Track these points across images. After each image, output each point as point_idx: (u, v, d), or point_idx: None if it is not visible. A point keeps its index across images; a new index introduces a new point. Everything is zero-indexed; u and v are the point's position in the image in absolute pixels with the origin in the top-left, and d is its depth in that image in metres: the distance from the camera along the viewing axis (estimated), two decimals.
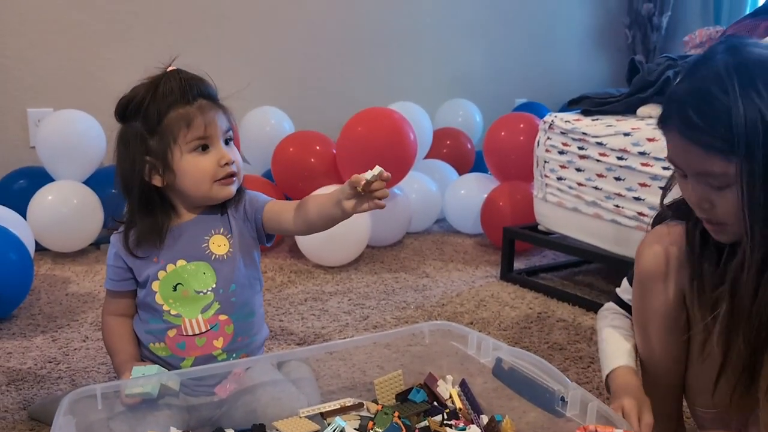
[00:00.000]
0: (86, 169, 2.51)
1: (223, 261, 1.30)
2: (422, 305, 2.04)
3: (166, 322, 1.28)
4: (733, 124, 0.85)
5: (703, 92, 0.88)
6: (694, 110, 0.88)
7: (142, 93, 1.23)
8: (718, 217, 0.94)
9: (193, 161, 1.24)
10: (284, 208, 1.34)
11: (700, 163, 0.91)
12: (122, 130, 1.27)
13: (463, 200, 2.79)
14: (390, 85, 3.45)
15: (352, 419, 1.21)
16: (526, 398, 1.17)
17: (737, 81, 0.86)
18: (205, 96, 1.26)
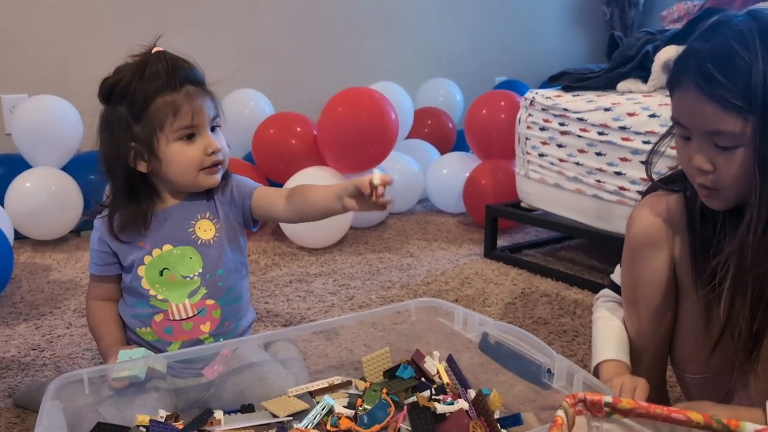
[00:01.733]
0: (64, 155, 2.47)
1: (209, 246, 1.29)
2: (407, 284, 2.05)
3: (152, 306, 1.27)
4: (753, 81, 0.85)
5: (725, 48, 0.88)
6: (713, 65, 0.88)
7: (128, 76, 1.20)
8: (717, 181, 0.93)
9: (179, 150, 1.23)
10: (275, 195, 1.34)
11: (713, 120, 0.90)
12: (106, 112, 1.24)
13: (445, 179, 2.80)
14: (370, 65, 3.43)
15: (341, 397, 1.21)
16: (512, 371, 1.19)
17: (759, 40, 0.86)
18: (192, 81, 1.24)
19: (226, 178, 1.33)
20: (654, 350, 1.12)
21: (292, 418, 1.13)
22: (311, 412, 1.13)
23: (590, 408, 0.66)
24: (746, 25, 0.89)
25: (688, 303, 1.06)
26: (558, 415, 0.62)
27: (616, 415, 0.65)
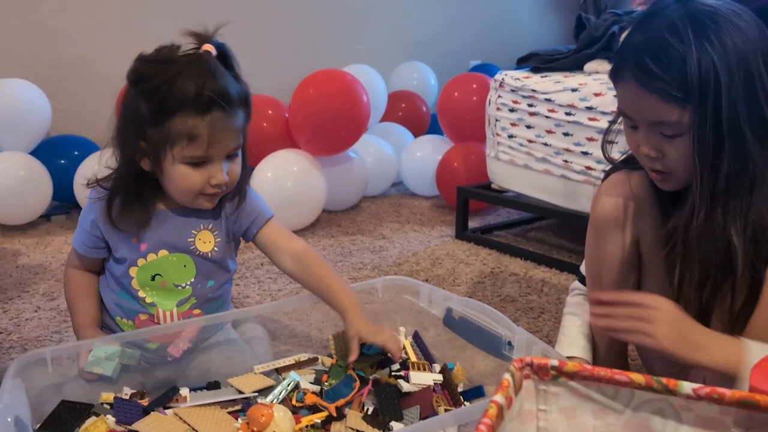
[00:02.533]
0: (32, 139, 2.44)
1: (206, 258, 1.25)
2: (379, 265, 2.06)
3: (140, 305, 1.24)
4: (688, 71, 0.88)
5: (659, 40, 0.90)
6: (650, 58, 0.90)
7: (161, 77, 1.10)
8: (667, 166, 0.96)
9: (183, 172, 1.15)
10: (281, 247, 1.28)
11: (654, 112, 0.92)
12: (129, 96, 1.15)
13: (418, 162, 2.81)
14: (343, 48, 3.42)
15: (307, 373, 1.23)
16: (475, 345, 1.21)
17: (691, 29, 0.88)
18: (223, 105, 1.11)
19: (240, 197, 1.26)
20: None
21: (257, 394, 1.14)
22: (277, 388, 1.14)
23: (537, 372, 0.67)
24: (678, 14, 0.90)
25: (650, 280, 1.08)
26: (505, 377, 0.64)
27: (563, 378, 0.67)
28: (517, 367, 0.66)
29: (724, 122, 0.88)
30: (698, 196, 0.93)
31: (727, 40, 0.88)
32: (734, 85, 0.88)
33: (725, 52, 0.87)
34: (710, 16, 0.90)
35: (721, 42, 0.88)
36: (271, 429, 1.00)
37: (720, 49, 0.87)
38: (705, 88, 0.87)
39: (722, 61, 0.87)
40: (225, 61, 1.17)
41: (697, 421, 0.64)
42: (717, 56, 0.87)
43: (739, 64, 0.88)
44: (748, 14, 0.92)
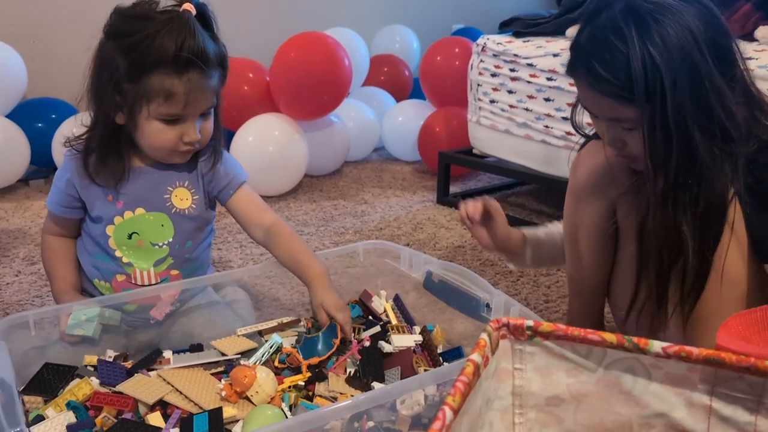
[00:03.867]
0: (8, 102, 2.40)
1: (183, 216, 1.25)
2: (360, 230, 2.08)
3: (117, 266, 1.24)
4: (632, 72, 0.88)
5: (604, 42, 0.91)
6: (597, 62, 0.91)
7: (140, 34, 1.10)
8: (630, 154, 0.99)
9: (157, 128, 1.16)
10: (253, 219, 1.29)
11: (609, 110, 0.95)
12: (105, 49, 1.14)
13: (400, 127, 2.81)
14: (325, 10, 3.37)
15: (290, 335, 1.24)
16: (454, 307, 1.23)
17: (634, 29, 0.89)
18: (200, 65, 1.12)
19: (216, 155, 1.27)
20: (592, 288, 1.17)
21: (240, 356, 1.15)
22: (259, 349, 1.16)
23: (513, 332, 0.69)
24: (621, 12, 0.91)
25: (626, 249, 1.10)
26: (482, 337, 0.66)
27: (538, 338, 0.69)
28: (493, 327, 0.68)
29: (671, 120, 0.89)
30: (653, 198, 0.95)
31: (670, 36, 0.88)
32: (679, 82, 0.88)
33: (668, 50, 0.88)
34: (652, 12, 0.89)
35: (663, 39, 0.88)
36: (254, 390, 1.02)
37: (662, 47, 0.88)
38: (650, 87, 0.88)
39: (665, 60, 0.87)
40: (204, 21, 1.16)
41: (666, 379, 0.66)
42: (660, 55, 0.88)
43: (684, 61, 0.88)
44: (695, 3, 0.91)
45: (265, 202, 1.33)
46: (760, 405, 0.63)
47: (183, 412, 0.99)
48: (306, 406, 1.02)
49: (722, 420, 0.64)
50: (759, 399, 0.63)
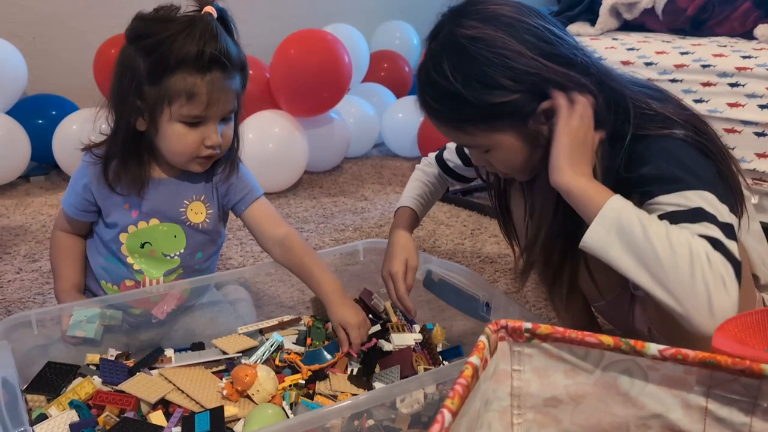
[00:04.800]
0: (8, 98, 2.40)
1: (197, 230, 1.26)
2: (360, 227, 2.08)
3: (127, 271, 1.25)
4: (454, 104, 0.93)
5: (430, 77, 0.95)
6: (429, 95, 0.96)
7: (162, 35, 1.09)
8: (500, 171, 1.03)
9: (179, 131, 1.15)
10: (267, 232, 1.28)
11: (455, 138, 1.00)
12: (127, 54, 1.14)
13: (401, 124, 2.81)
14: (324, 6, 3.37)
15: (290, 334, 1.25)
16: (454, 306, 1.24)
17: (447, 62, 0.92)
18: (223, 65, 1.12)
19: (232, 166, 1.26)
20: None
21: (241, 354, 1.16)
22: (260, 348, 1.16)
23: (512, 334, 0.70)
24: (436, 45, 0.95)
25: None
26: (480, 339, 0.67)
27: (536, 340, 0.70)
28: (492, 329, 0.69)
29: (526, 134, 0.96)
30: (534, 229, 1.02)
31: (484, 65, 0.90)
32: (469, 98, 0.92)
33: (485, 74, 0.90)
34: (468, 43, 0.91)
35: (478, 68, 0.91)
36: (255, 389, 1.02)
37: (480, 75, 0.91)
38: (484, 110, 0.92)
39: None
40: (225, 26, 1.17)
41: (663, 380, 0.67)
42: (464, 87, 0.91)
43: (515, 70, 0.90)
44: (517, 22, 0.92)
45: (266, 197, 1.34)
46: (755, 406, 0.64)
47: (185, 410, 1.00)
48: (306, 404, 1.03)
49: (718, 421, 0.65)
50: (754, 400, 0.64)
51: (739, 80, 1.58)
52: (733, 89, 1.58)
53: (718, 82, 1.62)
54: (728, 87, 1.59)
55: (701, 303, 0.79)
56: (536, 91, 0.91)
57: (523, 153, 0.97)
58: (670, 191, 0.87)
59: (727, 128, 1.59)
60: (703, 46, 1.73)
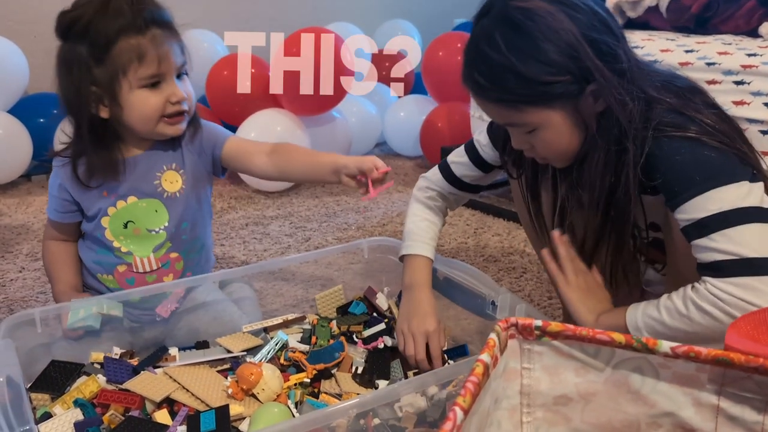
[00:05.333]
0: (10, 97, 2.40)
1: (175, 199, 1.26)
2: (363, 226, 2.08)
3: (116, 257, 1.25)
4: (508, 79, 0.90)
5: (480, 53, 0.93)
6: (478, 72, 0.93)
7: (90, 12, 1.12)
8: (539, 155, 1.01)
9: (142, 97, 1.16)
10: (254, 150, 1.29)
11: (502, 117, 0.97)
12: (64, 50, 1.17)
13: (402, 123, 2.80)
14: (326, 5, 3.37)
15: (295, 332, 1.25)
16: (459, 305, 1.23)
17: (500, 36, 0.90)
18: (159, 23, 1.15)
19: (195, 124, 1.28)
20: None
21: (246, 353, 1.16)
22: (265, 347, 1.16)
23: (522, 332, 0.69)
24: (489, 21, 0.93)
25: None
26: (491, 337, 0.66)
27: (546, 338, 0.69)
28: (502, 327, 0.68)
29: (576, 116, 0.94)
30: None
31: (539, 40, 0.88)
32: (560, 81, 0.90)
33: (540, 51, 0.88)
34: (523, 18, 0.89)
35: (535, 42, 0.88)
36: (260, 387, 1.02)
37: (535, 51, 0.89)
38: (534, 90, 0.90)
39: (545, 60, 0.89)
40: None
41: (674, 378, 0.66)
42: (519, 60, 0.89)
43: (564, 57, 0.89)
44: (564, 7, 0.91)
45: (268, 198, 1.34)
46: None
47: (190, 409, 1.00)
48: (312, 403, 1.03)
49: (730, 419, 0.65)
50: (767, 398, 0.63)
51: (744, 78, 1.57)
52: (739, 87, 1.58)
53: (723, 80, 1.61)
54: (733, 85, 1.59)
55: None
56: (583, 72, 0.90)
57: (568, 135, 0.95)
58: (690, 197, 0.88)
59: None
60: (707, 44, 1.72)
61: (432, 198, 1.26)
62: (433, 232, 1.23)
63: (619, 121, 0.91)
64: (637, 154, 0.91)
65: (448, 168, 1.27)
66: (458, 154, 1.26)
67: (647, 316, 0.92)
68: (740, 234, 0.84)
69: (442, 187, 1.26)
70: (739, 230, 0.85)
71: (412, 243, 1.21)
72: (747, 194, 0.86)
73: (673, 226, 0.94)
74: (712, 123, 0.91)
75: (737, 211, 0.85)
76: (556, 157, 1.00)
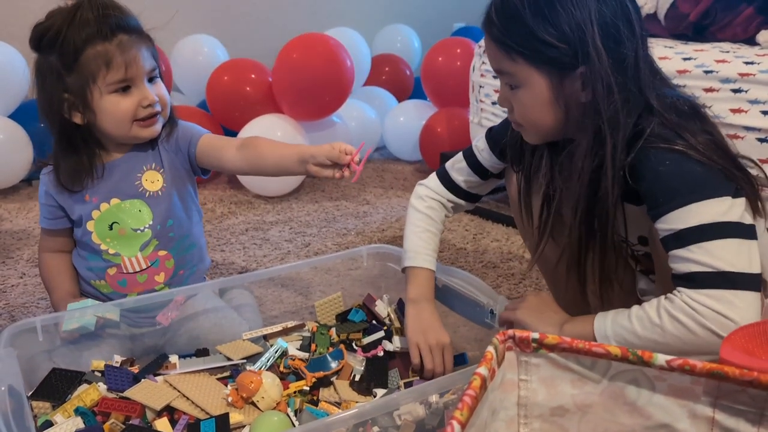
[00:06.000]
0: (10, 102, 2.40)
1: (157, 197, 1.29)
2: (363, 231, 2.08)
3: (105, 260, 1.27)
4: (518, 28, 0.92)
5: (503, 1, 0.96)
6: (495, 9, 0.96)
7: (58, 24, 1.15)
8: (515, 118, 1.02)
9: (113, 102, 1.20)
10: (225, 145, 1.31)
11: (495, 60, 0.98)
12: (38, 61, 1.20)
13: (402, 127, 2.81)
14: (326, 10, 3.38)
15: (294, 339, 1.25)
16: (458, 313, 1.24)
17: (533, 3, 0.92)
18: (125, 29, 1.19)
19: (172, 124, 1.31)
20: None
21: (246, 360, 1.16)
22: (265, 354, 1.17)
23: (519, 344, 0.70)
24: None
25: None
26: (488, 350, 0.67)
27: (543, 350, 0.70)
28: (500, 339, 0.69)
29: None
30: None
31: (561, 6, 0.90)
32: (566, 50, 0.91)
33: (561, 19, 0.90)
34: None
35: (552, 3, 0.91)
36: (260, 395, 1.03)
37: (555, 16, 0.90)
38: (535, 48, 0.92)
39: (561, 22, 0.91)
40: (109, 1, 1.21)
41: (670, 391, 0.67)
42: (536, 23, 0.91)
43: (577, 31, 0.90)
44: None
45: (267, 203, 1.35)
46: (763, 417, 0.64)
47: (190, 417, 1.00)
48: (311, 411, 1.04)
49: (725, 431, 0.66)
50: (761, 411, 0.64)
51: (741, 86, 1.58)
52: (736, 95, 1.58)
53: (720, 88, 1.62)
54: (731, 93, 1.59)
55: (715, 341, 0.84)
56: (582, 50, 0.91)
57: (545, 106, 0.96)
58: (672, 209, 0.89)
59: (730, 134, 1.59)
60: (705, 52, 1.73)
61: (431, 207, 1.26)
62: (434, 243, 1.23)
63: (601, 114, 0.92)
64: (620, 154, 0.92)
65: (446, 175, 1.27)
66: (457, 161, 1.27)
67: (618, 325, 0.92)
68: (717, 248, 0.86)
69: (440, 195, 1.27)
70: (716, 244, 0.86)
71: (415, 255, 1.21)
72: (728, 209, 0.87)
73: (657, 238, 0.94)
74: (700, 143, 0.91)
75: (716, 225, 0.87)
76: (529, 126, 1.01)
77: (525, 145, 1.10)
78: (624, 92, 0.92)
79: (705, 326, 0.84)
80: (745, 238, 0.87)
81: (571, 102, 0.94)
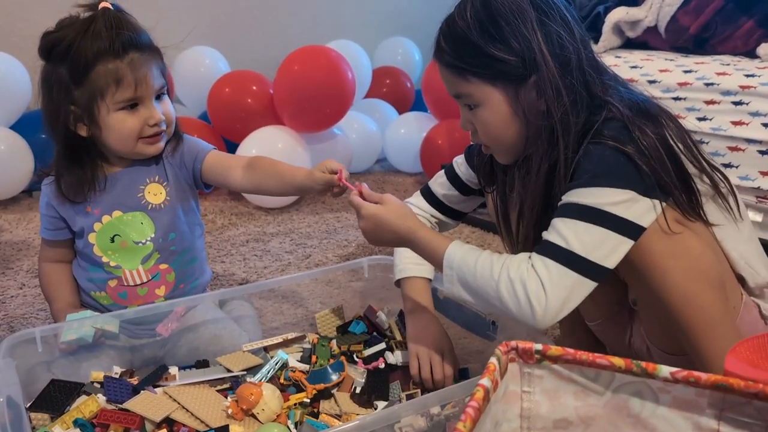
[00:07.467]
0: (12, 113, 2.41)
1: (160, 210, 1.28)
2: (364, 243, 2.08)
3: (106, 272, 1.27)
4: (466, 49, 0.95)
5: (450, 17, 0.98)
6: (443, 34, 0.99)
7: (71, 36, 1.15)
8: (479, 139, 1.03)
9: (119, 119, 1.19)
10: (232, 164, 1.31)
11: (451, 85, 1.00)
12: (47, 70, 1.20)
13: (403, 139, 2.81)
14: (327, 23, 3.39)
15: (295, 351, 1.25)
16: (460, 325, 1.23)
17: (471, 7, 0.95)
18: (137, 47, 1.18)
19: (177, 139, 1.31)
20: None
21: (246, 372, 1.15)
22: (265, 366, 1.16)
23: (522, 355, 0.69)
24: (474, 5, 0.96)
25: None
26: (491, 362, 0.66)
27: (546, 362, 0.69)
28: (503, 351, 0.68)
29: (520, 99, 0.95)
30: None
31: (501, 18, 0.92)
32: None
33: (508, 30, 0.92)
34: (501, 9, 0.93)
35: (495, 20, 0.93)
36: (260, 407, 1.02)
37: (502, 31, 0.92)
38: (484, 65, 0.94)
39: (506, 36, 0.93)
40: (123, 16, 1.21)
41: (674, 403, 0.66)
42: (482, 38, 0.93)
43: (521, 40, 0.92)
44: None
45: (268, 214, 1.35)
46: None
47: (190, 429, 1.00)
48: (312, 423, 1.03)
49: None
50: (767, 424, 0.63)
51: (742, 98, 1.59)
52: (737, 107, 1.59)
53: (721, 101, 1.62)
54: (732, 105, 1.60)
55: (526, 314, 0.89)
56: (530, 60, 0.93)
57: (506, 121, 0.97)
58: (579, 186, 0.91)
59: (731, 146, 1.59)
60: (706, 65, 1.74)
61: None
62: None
63: (554, 117, 0.93)
64: (571, 153, 0.93)
65: (429, 190, 1.30)
66: (438, 176, 1.30)
67: (464, 262, 0.95)
68: (581, 229, 0.88)
69: (424, 210, 1.28)
70: (584, 226, 0.88)
71: (405, 266, 1.22)
72: (621, 202, 0.88)
73: (632, 261, 0.93)
74: (647, 144, 0.90)
75: (596, 210, 0.88)
76: (494, 144, 1.01)
77: (496, 166, 1.11)
78: (572, 94, 0.93)
79: (525, 293, 0.88)
80: (619, 233, 0.88)
81: (530, 112, 0.96)
